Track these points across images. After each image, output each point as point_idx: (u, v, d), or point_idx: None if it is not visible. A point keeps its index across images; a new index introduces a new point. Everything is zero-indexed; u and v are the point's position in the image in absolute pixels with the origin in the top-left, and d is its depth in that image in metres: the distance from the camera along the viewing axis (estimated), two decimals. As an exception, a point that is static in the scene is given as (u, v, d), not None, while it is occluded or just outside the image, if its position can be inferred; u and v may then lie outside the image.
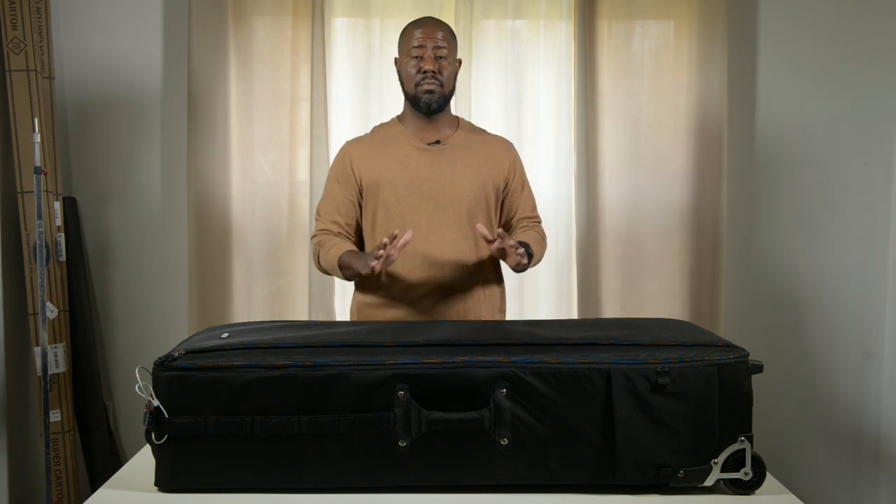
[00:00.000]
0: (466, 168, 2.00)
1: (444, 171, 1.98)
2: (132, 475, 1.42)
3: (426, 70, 1.95)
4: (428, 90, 1.96)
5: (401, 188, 1.97)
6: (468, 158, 2.01)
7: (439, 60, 1.96)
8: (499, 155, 2.06)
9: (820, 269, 2.89)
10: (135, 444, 2.83)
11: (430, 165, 1.99)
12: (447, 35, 1.99)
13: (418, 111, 2.01)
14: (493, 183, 2.03)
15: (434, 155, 2.00)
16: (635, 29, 2.78)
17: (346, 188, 2.02)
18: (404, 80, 2.01)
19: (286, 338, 1.42)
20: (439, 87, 1.97)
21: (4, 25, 2.56)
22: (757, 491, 1.34)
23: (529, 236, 2.04)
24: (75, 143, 2.79)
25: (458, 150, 2.02)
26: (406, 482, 1.33)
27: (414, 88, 1.98)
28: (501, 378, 1.31)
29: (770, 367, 1.60)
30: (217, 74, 2.70)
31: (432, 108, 1.99)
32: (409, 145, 2.01)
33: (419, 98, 1.98)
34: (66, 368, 2.66)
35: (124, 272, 2.83)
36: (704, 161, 2.76)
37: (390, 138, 2.04)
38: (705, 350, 1.36)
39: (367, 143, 2.06)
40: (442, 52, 1.96)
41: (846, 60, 2.85)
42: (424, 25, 1.99)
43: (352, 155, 2.03)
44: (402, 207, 1.96)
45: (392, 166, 1.99)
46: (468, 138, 2.05)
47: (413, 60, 1.97)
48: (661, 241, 2.79)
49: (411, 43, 1.98)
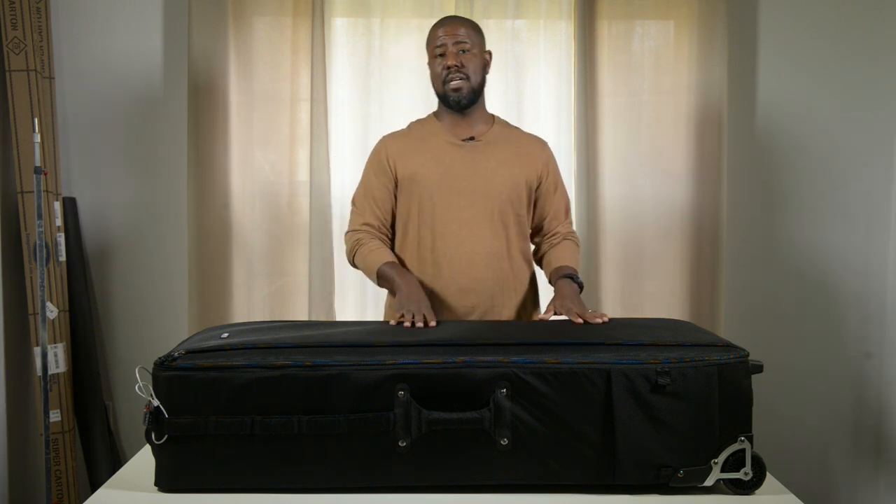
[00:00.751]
0: (500, 164, 2.01)
1: (477, 167, 1.99)
2: (132, 475, 1.42)
3: (449, 65, 1.96)
4: (455, 87, 1.97)
5: (435, 183, 1.98)
6: (502, 155, 2.02)
7: (462, 55, 1.97)
8: (533, 153, 2.07)
9: (820, 269, 2.89)
10: (135, 444, 2.83)
11: (464, 161, 2.00)
12: (469, 29, 2.00)
13: (450, 108, 2.02)
14: (527, 180, 2.03)
15: (468, 151, 2.01)
16: (635, 29, 2.78)
17: (383, 180, 2.03)
18: (433, 80, 2.03)
19: (286, 338, 1.42)
20: (465, 81, 1.98)
21: (4, 25, 2.56)
22: (757, 491, 1.34)
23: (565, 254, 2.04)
24: (75, 143, 2.79)
25: (493, 147, 2.03)
26: (406, 482, 1.33)
27: (442, 87, 2.00)
28: (501, 378, 1.31)
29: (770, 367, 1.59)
30: (217, 74, 2.70)
31: (462, 104, 2.00)
32: (444, 141, 2.02)
33: (448, 96, 1.99)
34: (66, 368, 2.66)
35: (124, 272, 2.83)
36: (704, 161, 2.76)
37: (426, 134, 2.05)
38: (705, 350, 1.36)
39: (403, 137, 2.07)
40: (464, 45, 1.97)
41: (846, 60, 2.85)
42: (446, 24, 2.00)
43: (388, 148, 2.04)
44: (436, 202, 1.97)
45: (427, 161, 2.00)
46: (503, 135, 2.06)
47: (438, 59, 1.99)
48: (661, 241, 2.79)
49: (435, 42, 1.99)
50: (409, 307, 1.75)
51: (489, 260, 1.98)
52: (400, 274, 1.90)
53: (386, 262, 1.94)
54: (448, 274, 1.97)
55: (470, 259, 1.96)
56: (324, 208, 2.71)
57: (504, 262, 2.00)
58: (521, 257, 2.04)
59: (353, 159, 2.78)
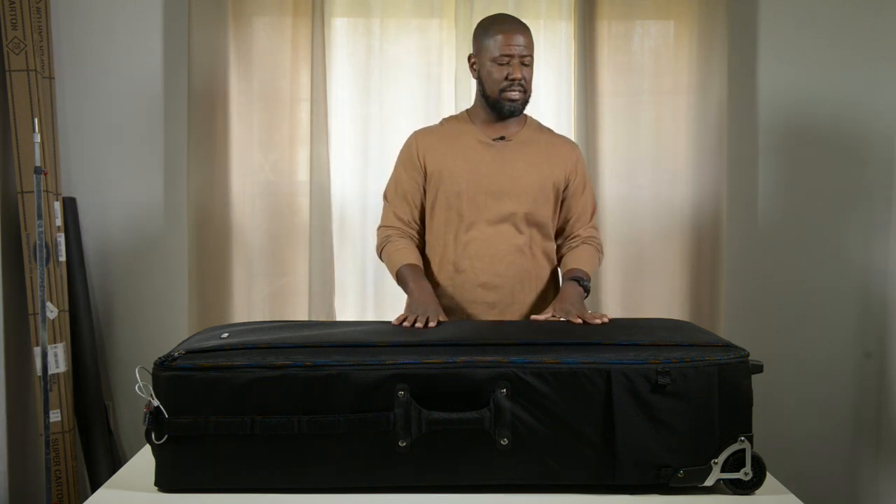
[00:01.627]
0: (528, 165, 2.02)
1: (505, 167, 2.00)
2: (132, 475, 1.42)
3: (514, 78, 1.95)
4: (513, 98, 1.98)
5: (462, 181, 1.99)
6: (531, 155, 2.03)
7: (525, 68, 1.97)
8: (562, 153, 2.07)
9: (820, 269, 2.89)
10: (135, 444, 2.83)
11: (492, 160, 2.01)
12: (530, 40, 1.99)
13: (496, 113, 2.02)
14: (554, 181, 2.04)
15: (497, 150, 2.02)
16: (635, 29, 2.78)
17: (413, 174, 2.05)
18: (487, 83, 2.00)
19: (286, 338, 1.42)
20: (523, 93, 1.99)
21: (4, 25, 2.56)
22: (757, 491, 1.34)
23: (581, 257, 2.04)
24: (75, 143, 2.79)
25: (522, 147, 2.04)
26: (406, 482, 1.33)
27: (498, 94, 1.98)
28: (501, 378, 1.31)
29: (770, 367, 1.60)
30: (217, 74, 2.70)
31: (515, 115, 2.02)
32: (475, 139, 2.03)
33: (502, 104, 1.98)
34: (66, 368, 2.66)
35: (124, 272, 2.83)
36: (704, 161, 2.76)
37: (458, 131, 2.06)
38: (705, 350, 1.36)
39: (434, 133, 2.08)
40: (527, 59, 1.97)
41: (846, 60, 2.85)
42: (512, 31, 1.96)
43: (418, 143, 2.06)
44: (462, 200, 1.99)
45: (456, 158, 2.01)
46: (533, 136, 2.07)
47: (499, 67, 1.96)
48: (661, 241, 2.79)
49: (498, 48, 1.95)
50: (416, 310, 1.77)
51: (512, 257, 2.00)
52: (415, 279, 1.92)
53: (406, 264, 1.96)
54: (470, 269, 2.00)
55: (493, 255, 1.99)
56: (324, 208, 2.71)
57: (526, 259, 2.02)
58: (544, 256, 2.06)
59: (353, 159, 2.78)
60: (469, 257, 2.00)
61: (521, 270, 2.02)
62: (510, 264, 2.00)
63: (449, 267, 2.02)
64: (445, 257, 2.02)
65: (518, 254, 2.01)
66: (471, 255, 2.00)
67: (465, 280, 2.00)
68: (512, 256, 2.00)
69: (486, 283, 2.00)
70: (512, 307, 2.02)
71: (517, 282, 2.01)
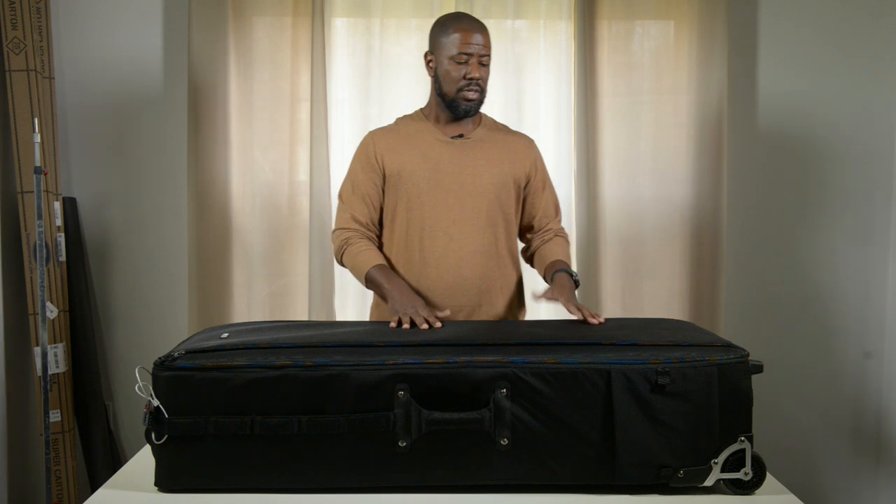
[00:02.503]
0: (488, 162, 2.00)
1: (465, 165, 1.99)
2: (132, 475, 1.42)
3: (472, 77, 1.94)
4: (470, 98, 1.96)
5: (422, 180, 1.97)
6: (490, 153, 2.02)
7: (483, 68, 1.96)
8: (521, 151, 2.06)
9: (820, 269, 2.89)
10: (135, 444, 2.83)
11: (451, 158, 1.99)
12: (488, 41, 1.97)
13: (451, 112, 2.00)
14: (515, 178, 2.03)
15: (456, 148, 2.00)
16: (635, 29, 2.78)
17: (371, 175, 2.01)
18: (444, 81, 1.98)
19: (286, 338, 1.42)
20: (480, 93, 1.98)
21: (4, 25, 2.56)
22: (757, 491, 1.34)
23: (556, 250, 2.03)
24: (75, 143, 2.79)
25: (481, 145, 2.02)
26: (406, 482, 1.33)
27: (456, 93, 1.97)
28: (501, 378, 1.31)
29: (770, 367, 1.60)
30: (217, 74, 2.70)
31: (470, 114, 2.00)
32: (433, 138, 2.01)
33: (459, 104, 1.97)
34: (66, 368, 2.66)
35: (124, 272, 2.83)
36: (704, 161, 2.76)
37: (414, 131, 2.04)
38: (705, 350, 1.36)
39: (391, 133, 2.06)
40: (485, 59, 1.96)
41: (846, 60, 2.85)
42: (470, 29, 1.95)
43: (376, 143, 2.03)
44: (424, 199, 1.97)
45: (415, 158, 1.99)
46: (491, 133, 2.06)
47: (457, 66, 1.95)
48: (661, 241, 2.79)
49: (456, 47, 1.94)
50: (404, 310, 1.74)
51: (477, 258, 1.97)
52: (388, 279, 1.89)
53: (375, 266, 1.92)
54: (435, 272, 1.96)
55: (457, 257, 1.96)
56: (324, 208, 2.71)
57: (492, 260, 1.99)
58: (509, 257, 2.04)
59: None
60: (434, 260, 1.96)
61: (486, 272, 1.98)
62: (475, 266, 1.97)
63: (413, 271, 1.97)
64: (409, 261, 1.97)
65: (483, 255, 1.98)
66: (436, 258, 1.96)
67: (429, 284, 1.96)
68: (477, 258, 1.97)
69: (452, 286, 1.96)
70: (479, 310, 1.98)
71: (483, 284, 1.98)
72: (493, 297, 2.00)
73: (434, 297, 1.96)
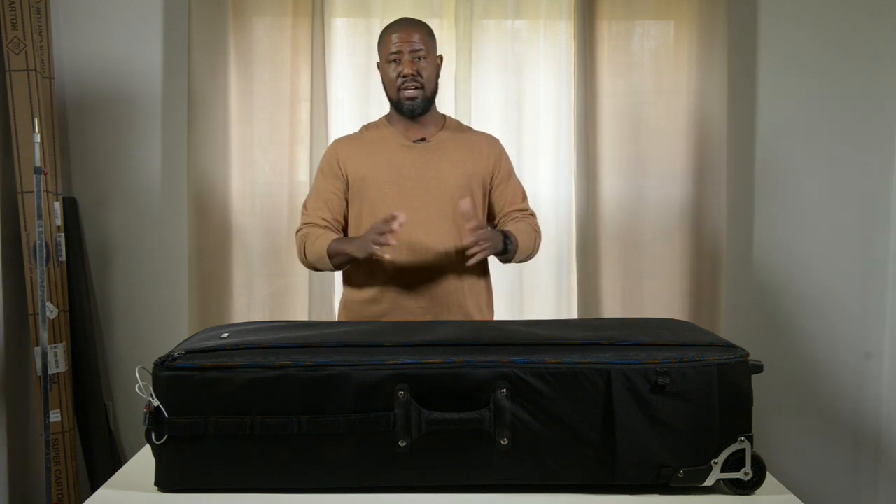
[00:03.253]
0: (451, 164, 2.01)
1: (429, 168, 2.00)
2: (132, 475, 1.42)
3: (405, 74, 1.95)
4: (410, 97, 1.97)
5: (386, 185, 1.98)
6: (453, 155, 2.02)
7: (418, 62, 1.96)
8: (483, 150, 2.07)
9: (820, 269, 2.89)
10: (135, 444, 2.83)
11: (414, 162, 2.00)
12: (424, 35, 1.98)
13: (400, 114, 2.03)
14: (480, 178, 2.04)
15: (419, 152, 2.01)
16: (635, 29, 2.78)
17: (334, 183, 2.03)
18: (386, 85, 2.03)
19: (286, 338, 1.42)
20: (420, 90, 1.98)
21: (4, 25, 2.55)
22: (757, 491, 1.34)
23: (517, 227, 2.02)
24: (75, 143, 2.79)
25: (444, 147, 2.03)
26: (406, 482, 1.33)
27: (396, 93, 1.99)
28: (501, 378, 1.31)
29: (770, 367, 1.59)
30: (217, 74, 2.70)
31: (416, 113, 2.01)
32: (396, 143, 2.03)
33: (402, 104, 1.99)
34: (66, 368, 2.66)
35: (124, 272, 2.83)
36: (704, 161, 2.76)
37: (378, 137, 2.05)
38: (705, 350, 1.35)
39: (354, 141, 2.07)
40: (420, 53, 1.96)
41: (846, 60, 2.85)
42: (400, 29, 1.98)
43: (339, 152, 2.05)
44: (388, 204, 1.97)
45: (378, 163, 2.00)
46: (453, 135, 2.07)
47: (392, 65, 1.98)
48: (661, 241, 2.79)
49: (389, 48, 1.98)
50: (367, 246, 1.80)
51: (444, 260, 1.98)
52: (347, 241, 1.92)
53: (332, 241, 1.93)
54: (402, 275, 1.97)
55: (424, 260, 1.97)
56: (324, 208, 2.70)
57: (459, 262, 1.99)
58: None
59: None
60: (401, 264, 1.96)
61: (454, 275, 1.99)
62: (443, 268, 1.97)
63: (380, 275, 1.98)
64: (375, 264, 1.97)
65: (450, 257, 1.98)
66: (402, 262, 1.96)
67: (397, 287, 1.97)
68: (444, 260, 1.97)
69: (420, 290, 1.96)
70: (447, 313, 1.99)
71: (451, 285, 1.99)
72: (460, 299, 2.01)
73: (402, 299, 1.97)
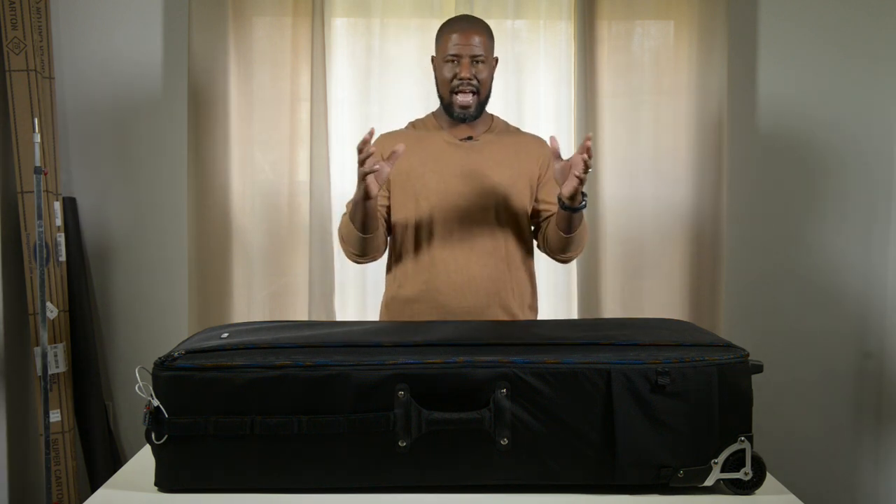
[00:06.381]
0: (498, 164, 2.00)
1: (475, 167, 1.98)
2: (132, 475, 1.42)
3: (462, 77, 1.93)
4: (464, 104, 1.95)
5: (432, 182, 1.97)
6: (499, 154, 2.01)
7: (476, 66, 1.95)
8: (531, 149, 2.05)
9: (820, 269, 2.90)
10: (135, 444, 2.83)
11: (461, 161, 1.99)
12: (485, 37, 1.96)
13: (449, 116, 2.01)
14: (526, 177, 2.01)
15: (466, 151, 2.00)
16: (635, 29, 2.78)
17: None
18: (439, 84, 2.00)
19: (286, 338, 1.42)
20: (475, 95, 1.96)
21: (4, 25, 2.56)
22: (757, 491, 1.34)
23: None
24: (75, 143, 2.79)
25: (490, 147, 2.02)
26: (406, 482, 1.33)
27: (449, 95, 1.97)
28: (501, 378, 1.31)
29: (770, 367, 1.60)
30: (217, 74, 2.70)
31: (467, 120, 2.00)
32: (442, 140, 2.02)
33: (453, 110, 1.98)
34: (66, 368, 2.66)
35: (124, 272, 2.83)
36: (704, 161, 2.76)
37: (424, 134, 2.04)
38: (705, 350, 1.35)
39: (401, 137, 2.05)
40: (479, 57, 1.95)
41: (846, 60, 2.85)
42: (462, 29, 1.95)
43: (385, 147, 2.01)
44: (433, 201, 1.96)
45: (424, 160, 1.99)
46: (500, 136, 2.05)
47: (448, 65, 1.95)
48: (661, 241, 2.79)
49: (448, 48, 1.95)
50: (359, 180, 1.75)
51: (486, 259, 1.97)
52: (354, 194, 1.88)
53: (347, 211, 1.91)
54: (445, 273, 1.95)
55: (467, 258, 1.96)
56: (324, 208, 2.71)
57: (501, 261, 1.98)
58: (520, 257, 2.03)
59: (352, 159, 2.77)
60: (443, 261, 1.95)
61: (495, 273, 1.97)
62: (485, 266, 1.95)
63: (422, 271, 1.97)
64: (418, 261, 1.97)
65: (492, 256, 1.96)
66: (444, 259, 1.95)
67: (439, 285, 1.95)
68: (487, 259, 1.96)
69: (462, 287, 1.95)
70: (489, 310, 1.96)
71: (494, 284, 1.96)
72: (502, 299, 1.99)
73: (442, 297, 1.96)
